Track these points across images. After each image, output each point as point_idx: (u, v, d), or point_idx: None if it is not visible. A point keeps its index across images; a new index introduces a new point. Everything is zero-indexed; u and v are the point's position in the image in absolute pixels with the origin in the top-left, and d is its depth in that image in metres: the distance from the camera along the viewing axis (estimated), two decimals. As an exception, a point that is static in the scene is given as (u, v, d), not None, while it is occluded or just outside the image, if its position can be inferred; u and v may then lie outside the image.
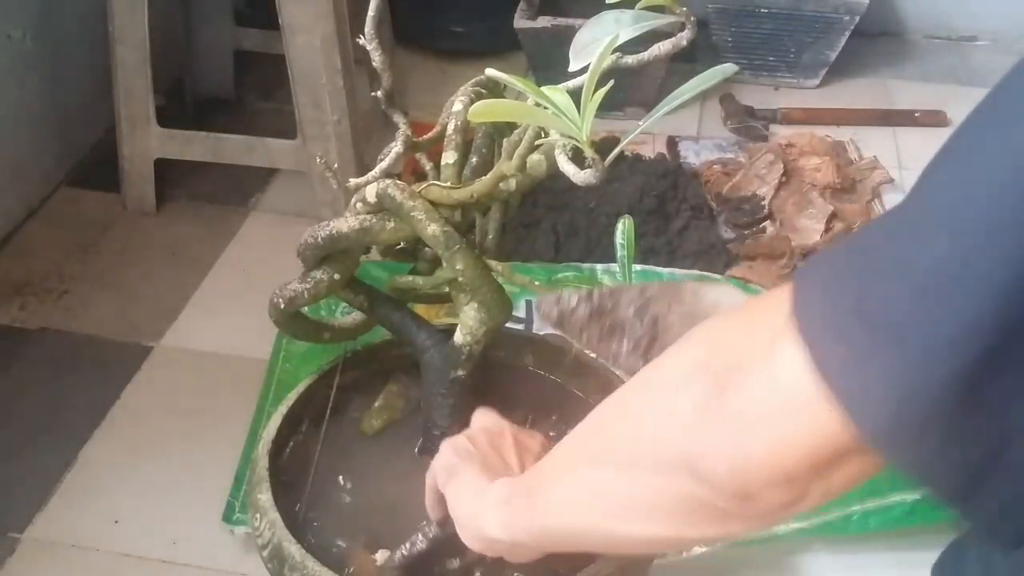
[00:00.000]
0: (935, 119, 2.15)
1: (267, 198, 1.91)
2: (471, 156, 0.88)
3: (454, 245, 0.82)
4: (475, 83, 0.90)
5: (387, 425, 1.00)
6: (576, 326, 0.97)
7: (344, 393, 1.00)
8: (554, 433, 1.00)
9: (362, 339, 1.03)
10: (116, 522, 1.30)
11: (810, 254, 1.73)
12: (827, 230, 1.75)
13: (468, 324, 0.87)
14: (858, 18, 2.19)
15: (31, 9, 1.77)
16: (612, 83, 0.64)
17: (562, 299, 1.03)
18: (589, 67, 0.64)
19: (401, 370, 1.03)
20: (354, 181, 0.86)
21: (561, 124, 0.65)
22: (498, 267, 0.87)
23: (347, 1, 1.71)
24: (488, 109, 0.67)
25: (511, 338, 1.06)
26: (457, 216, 0.84)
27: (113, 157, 1.84)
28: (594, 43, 0.67)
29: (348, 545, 0.88)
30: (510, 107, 0.69)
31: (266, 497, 0.86)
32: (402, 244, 0.92)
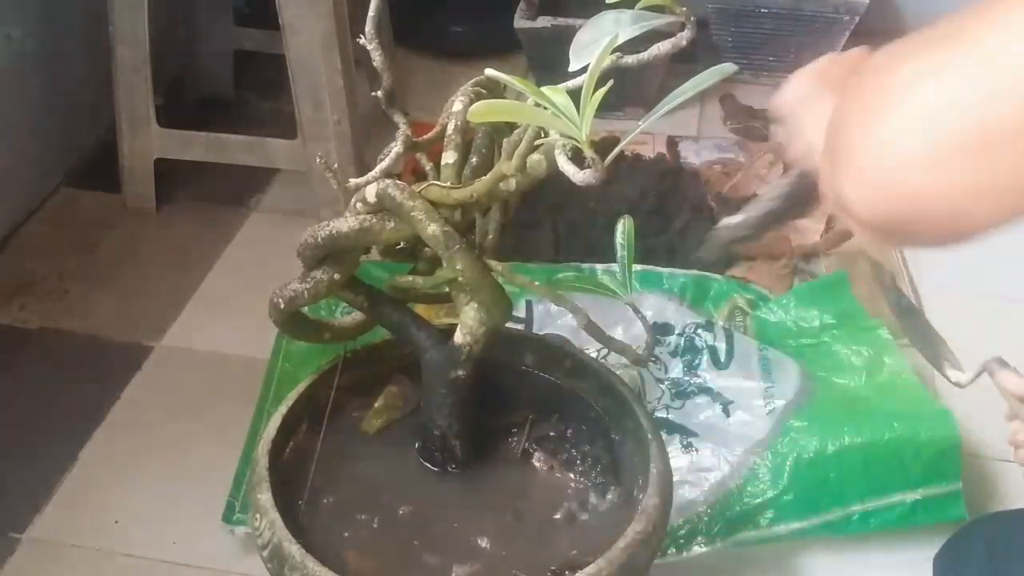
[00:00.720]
0: (935, 119, 2.15)
1: (267, 198, 1.91)
2: (471, 156, 0.89)
3: (454, 245, 0.82)
4: (475, 83, 0.90)
5: (387, 425, 1.00)
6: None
7: (344, 393, 1.00)
8: (554, 433, 1.00)
9: (362, 339, 1.03)
10: (116, 522, 1.30)
11: (810, 254, 1.73)
12: (827, 230, 1.74)
13: (468, 324, 0.87)
14: (858, 18, 2.18)
15: (31, 9, 1.77)
16: (611, 83, 0.65)
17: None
18: (589, 67, 0.64)
19: (401, 370, 1.03)
20: (354, 181, 0.86)
21: (561, 124, 0.65)
22: (498, 267, 0.87)
23: (347, 1, 1.71)
24: (488, 109, 0.67)
25: (511, 338, 1.06)
26: (457, 216, 0.84)
27: (113, 157, 1.84)
28: (594, 43, 0.67)
29: (348, 545, 0.88)
30: (510, 107, 0.69)
31: (266, 497, 0.86)
32: (402, 244, 0.92)
